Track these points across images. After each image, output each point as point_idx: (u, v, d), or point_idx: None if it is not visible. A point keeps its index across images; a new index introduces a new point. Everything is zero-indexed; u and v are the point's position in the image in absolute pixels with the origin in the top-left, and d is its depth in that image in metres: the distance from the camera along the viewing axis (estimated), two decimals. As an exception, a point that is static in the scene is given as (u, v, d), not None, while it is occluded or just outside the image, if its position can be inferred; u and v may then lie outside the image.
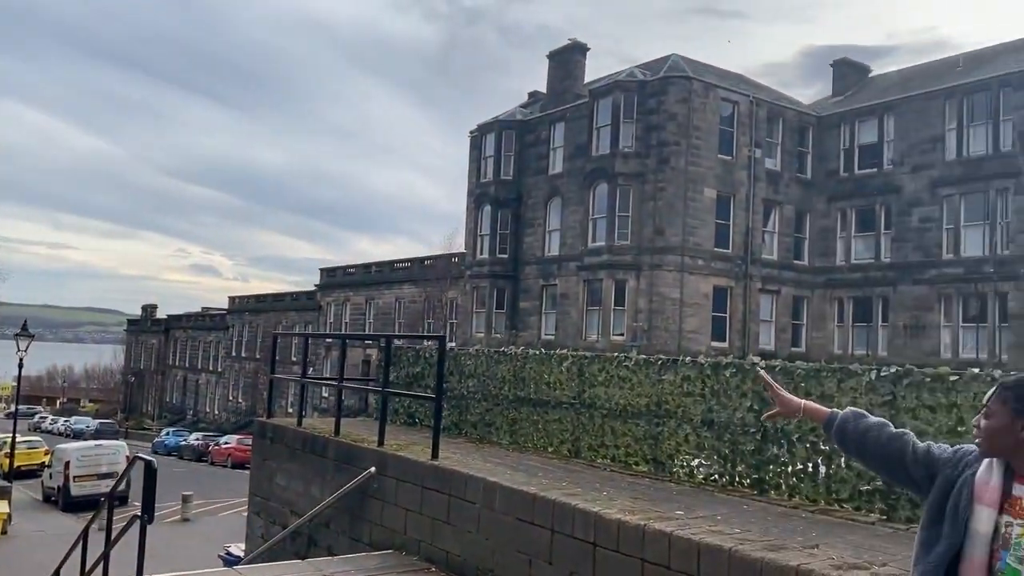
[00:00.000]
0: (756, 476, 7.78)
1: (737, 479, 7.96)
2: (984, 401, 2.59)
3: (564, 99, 34.89)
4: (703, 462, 8.29)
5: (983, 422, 2.55)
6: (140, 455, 8.14)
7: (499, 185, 36.18)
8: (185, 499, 26.56)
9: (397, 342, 18.25)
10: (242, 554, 12.87)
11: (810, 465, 7.46)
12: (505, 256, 35.97)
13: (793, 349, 31.61)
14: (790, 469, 7.56)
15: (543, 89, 38.22)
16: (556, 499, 7.01)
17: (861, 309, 31.24)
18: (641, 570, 6.08)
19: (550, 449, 10.06)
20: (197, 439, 50.85)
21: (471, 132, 38.43)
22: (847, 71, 37.22)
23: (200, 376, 71.50)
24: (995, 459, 2.54)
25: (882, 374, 6.97)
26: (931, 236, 29.10)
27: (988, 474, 2.53)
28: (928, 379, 6.64)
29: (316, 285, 56.14)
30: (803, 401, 3.13)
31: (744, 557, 5.39)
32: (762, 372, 3.30)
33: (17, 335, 26.54)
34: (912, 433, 2.85)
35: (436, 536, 8.36)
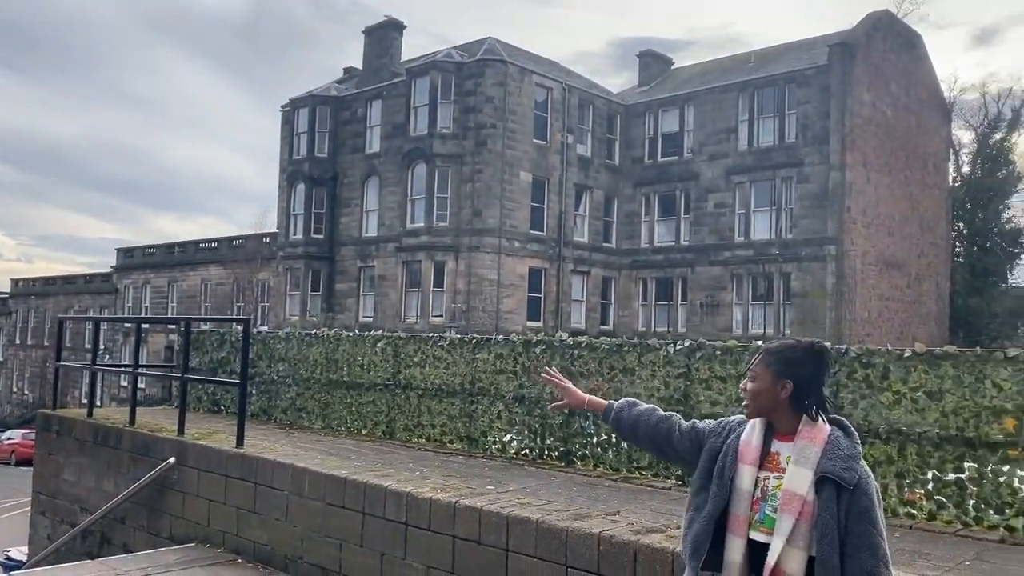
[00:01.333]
0: (563, 448, 8.06)
1: (546, 452, 8.20)
2: (749, 365, 2.79)
3: (381, 76, 34.33)
4: (515, 437, 8.48)
5: (749, 385, 2.75)
6: None
7: (313, 162, 35.11)
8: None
9: (203, 326, 17.32)
10: (24, 558, 11.78)
11: (613, 436, 7.81)
12: (321, 236, 35.02)
13: (602, 327, 33.06)
14: (595, 440, 7.89)
15: (359, 65, 37.41)
16: (368, 481, 6.92)
17: (663, 289, 33.16)
18: (453, 547, 6.13)
19: (364, 432, 9.93)
20: (-27, 436, 45.91)
21: (283, 107, 36.98)
22: (652, 62, 39.17)
23: (-24, 367, 64.54)
24: (758, 420, 2.75)
25: (677, 348, 7.40)
26: (725, 221, 31.31)
27: (750, 435, 2.75)
28: (719, 352, 7.12)
29: (112, 267, 52.12)
30: (587, 395, 3.40)
31: (551, 527, 5.55)
32: (550, 371, 3.45)
33: None
34: (678, 415, 3.11)
35: (242, 526, 8.03)
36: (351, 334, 10.51)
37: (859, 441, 2.70)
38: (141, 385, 38.47)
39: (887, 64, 31.02)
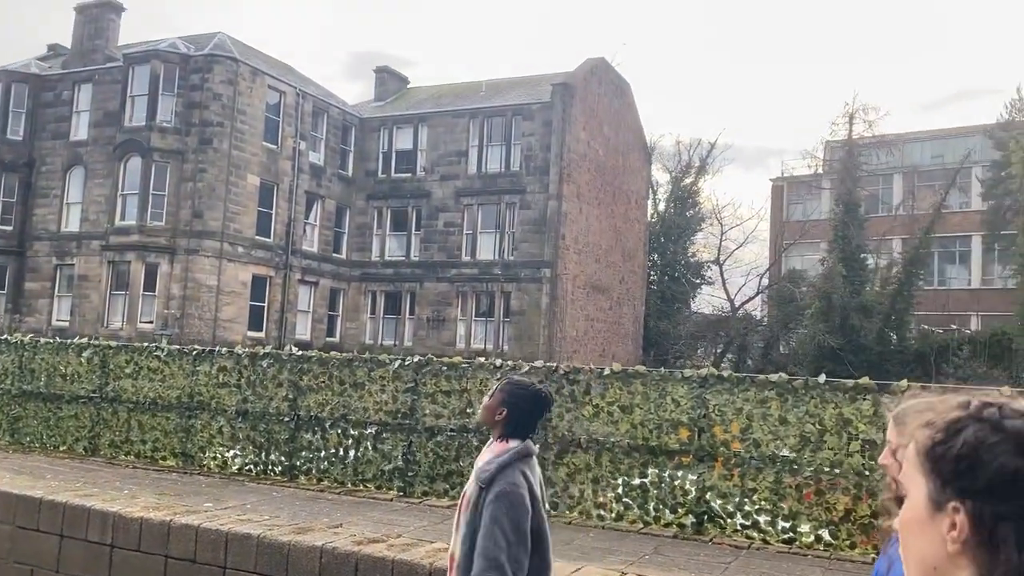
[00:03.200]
0: (288, 463, 8.02)
1: (270, 467, 8.10)
2: (491, 387, 3.20)
3: (93, 59, 31.36)
4: (237, 453, 8.27)
5: (485, 399, 3.16)
6: None
7: (5, 145, 31.13)
8: None
9: None
10: None
11: (340, 449, 7.93)
12: (9, 228, 31.09)
13: (328, 339, 32.70)
14: (322, 454, 7.95)
15: (65, 43, 33.89)
16: (67, 501, 6.43)
17: (392, 302, 33.58)
18: (165, 567, 5.89)
19: (62, 448, 9.11)
20: None
21: (-30, 79, 32.42)
22: (388, 78, 39.66)
23: None
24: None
25: (405, 363, 7.70)
26: (454, 239, 32.47)
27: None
28: (444, 368, 7.53)
29: None
30: None
31: (272, 542, 5.56)
32: None
33: None
34: None
35: (-95, 559, 7.02)
36: (51, 341, 9.61)
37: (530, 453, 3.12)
38: None
39: (601, 106, 34.12)
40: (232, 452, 8.34)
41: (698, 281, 43.33)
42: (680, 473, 6.44)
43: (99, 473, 7.87)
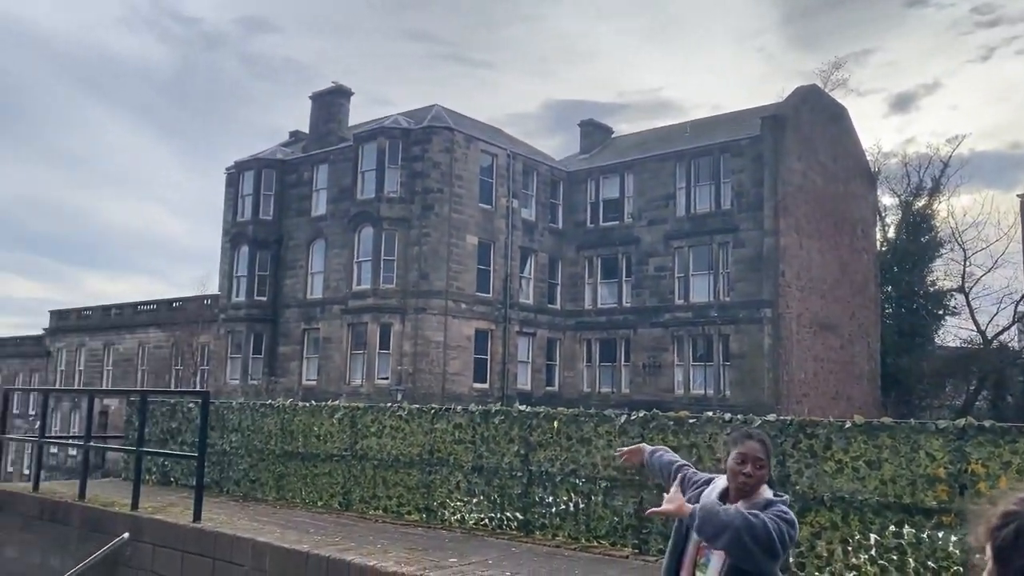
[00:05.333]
0: (523, 518, 8.23)
1: (505, 522, 8.36)
2: (753, 452, 3.36)
3: (328, 141, 34.65)
4: (473, 508, 8.62)
5: (756, 471, 3.35)
6: None
7: (258, 225, 35.01)
8: None
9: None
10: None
11: (571, 504, 8.03)
12: (264, 299, 34.73)
13: (547, 388, 33.32)
14: (554, 510, 8.09)
15: (303, 128, 37.72)
16: (330, 556, 6.99)
17: (607, 349, 33.69)
18: (418, 621, 6.22)
19: (320, 503, 9.93)
20: None
21: (228, 169, 36.94)
22: (592, 131, 40.44)
23: None
24: (720, 482, 3.46)
25: (632, 419, 7.71)
26: (665, 283, 32.15)
27: (710, 494, 3.43)
28: (671, 423, 7.45)
29: (44, 329, 50.55)
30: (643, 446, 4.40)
31: (517, 599, 5.72)
32: (620, 450, 4.17)
33: None
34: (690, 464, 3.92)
35: (199, 604, 7.95)
36: (307, 404, 10.57)
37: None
38: (72, 453, 37.09)
39: (815, 135, 32.64)
40: (468, 507, 8.68)
41: (940, 312, 39.65)
42: (941, 534, 5.90)
43: (353, 528, 8.48)
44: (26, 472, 30.40)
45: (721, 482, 3.46)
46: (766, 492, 3.33)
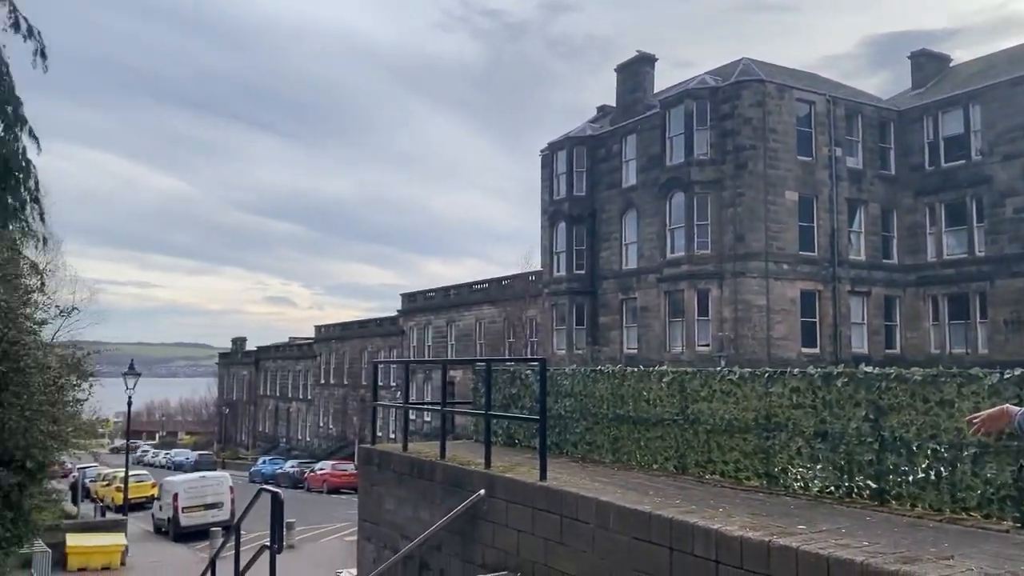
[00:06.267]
0: (876, 487, 7.63)
1: (856, 491, 7.81)
2: None
3: (634, 111, 34.83)
4: (817, 475, 8.16)
5: None
6: (265, 487, 8.48)
7: (572, 201, 36.29)
8: (288, 526, 27.24)
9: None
10: (354, 579, 13.18)
11: (931, 473, 7.28)
12: (582, 272, 35.99)
13: (887, 351, 30.67)
14: (911, 479, 7.39)
15: (610, 102, 38.25)
16: (673, 517, 7.02)
17: (957, 306, 30.12)
18: (768, 586, 6.04)
19: (655, 466, 10.04)
20: (292, 466, 52.10)
21: (542, 151, 38.69)
22: (925, 62, 36.14)
23: (291, 404, 73.39)
24: None
25: (1006, 377, 6.77)
26: (1029, 226, 27.92)
27: None
28: (1057, 381, 6.43)
29: (398, 310, 57.12)
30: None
31: (878, 570, 5.31)
32: (974, 417, 3.75)
33: (125, 374, 27.89)
34: None
35: (550, 556, 8.44)
36: (635, 369, 10.73)
37: None
38: (427, 418, 41.50)
39: None
40: (812, 473, 8.24)
41: None
42: None
43: (691, 491, 8.47)
44: (392, 436, 34.61)
45: None
46: None
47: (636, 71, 35.73)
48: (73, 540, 22.12)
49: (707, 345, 29.63)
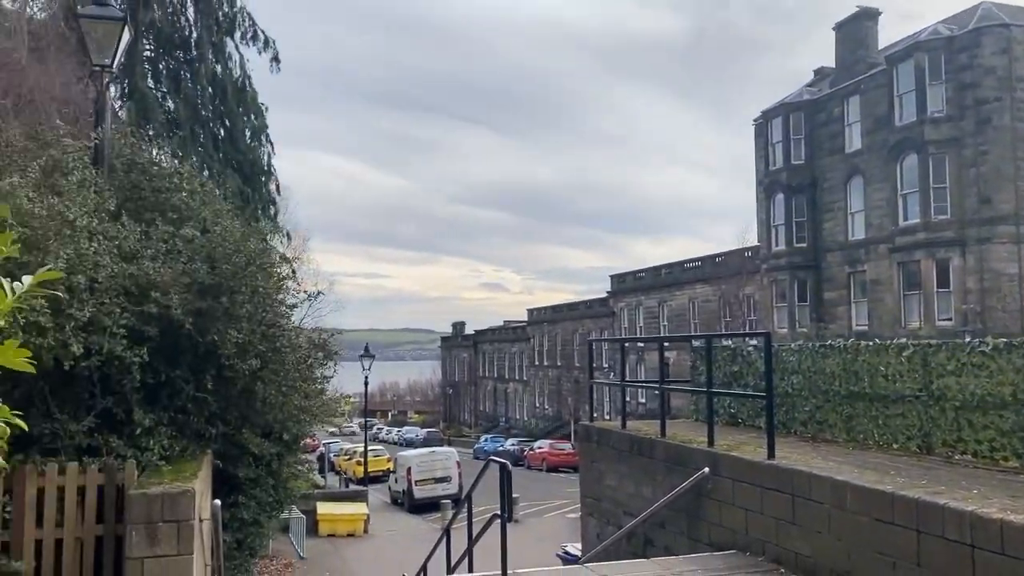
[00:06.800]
0: None
1: None
2: None
3: (856, 71, 32.48)
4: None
5: None
6: (494, 458, 8.87)
7: (791, 171, 34.52)
8: (513, 501, 28.32)
9: (723, 341, 18.10)
10: (579, 553, 13.47)
11: None
12: (803, 245, 34.19)
13: None
14: None
15: (828, 63, 35.92)
16: (919, 498, 6.54)
17: None
18: (1036, 575, 5.48)
19: (895, 445, 9.38)
20: (513, 444, 53.98)
21: (755, 120, 37.11)
22: None
23: (508, 385, 76.03)
24: None
25: None
26: None
27: None
28: None
29: (608, 292, 57.29)
30: None
31: None
32: None
33: (361, 356, 30.34)
34: None
35: (781, 536, 8.15)
36: (870, 343, 10.06)
37: None
38: (642, 399, 41.41)
39: None
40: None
41: None
42: None
43: (938, 472, 7.85)
44: (607, 416, 34.91)
45: None
46: None
47: (857, 28, 33.25)
48: (323, 508, 24.36)
49: (949, 319, 27.16)
